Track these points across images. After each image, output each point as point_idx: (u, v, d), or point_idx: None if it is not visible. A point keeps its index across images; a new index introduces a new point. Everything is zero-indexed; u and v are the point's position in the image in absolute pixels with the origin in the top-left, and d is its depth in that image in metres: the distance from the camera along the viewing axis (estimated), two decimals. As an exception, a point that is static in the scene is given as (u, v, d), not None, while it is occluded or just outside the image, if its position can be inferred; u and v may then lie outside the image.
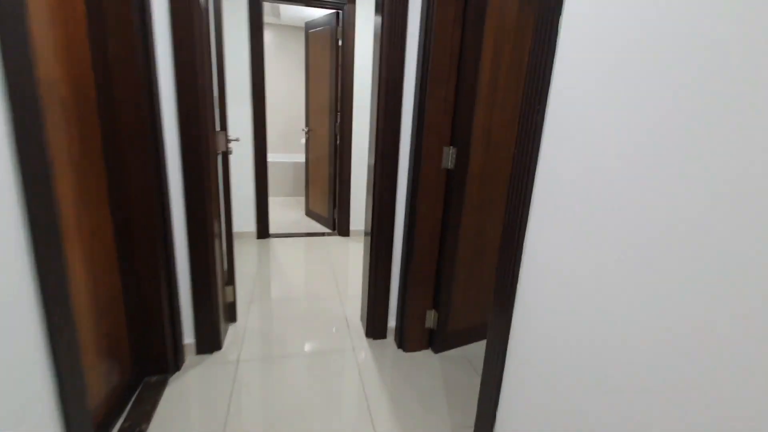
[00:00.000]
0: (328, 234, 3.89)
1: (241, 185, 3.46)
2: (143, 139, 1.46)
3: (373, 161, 1.89)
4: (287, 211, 4.65)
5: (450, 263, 1.91)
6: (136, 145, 1.46)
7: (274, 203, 4.93)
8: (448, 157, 1.78)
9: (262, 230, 3.64)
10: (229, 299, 2.15)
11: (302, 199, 5.22)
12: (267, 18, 5.23)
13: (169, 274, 1.69)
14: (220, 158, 1.94)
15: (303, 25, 5.38)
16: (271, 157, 5.50)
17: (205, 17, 1.67)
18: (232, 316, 2.21)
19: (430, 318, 2.01)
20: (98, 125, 1.33)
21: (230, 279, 2.14)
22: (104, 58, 1.35)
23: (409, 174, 1.87)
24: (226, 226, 2.06)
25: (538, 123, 0.90)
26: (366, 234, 2.08)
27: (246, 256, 3.21)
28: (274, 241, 3.60)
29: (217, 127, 1.90)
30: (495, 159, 1.86)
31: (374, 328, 2.11)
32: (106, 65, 1.36)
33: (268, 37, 5.49)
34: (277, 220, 4.21)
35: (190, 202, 1.69)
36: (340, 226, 3.85)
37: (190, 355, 1.89)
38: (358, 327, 2.24)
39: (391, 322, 2.12)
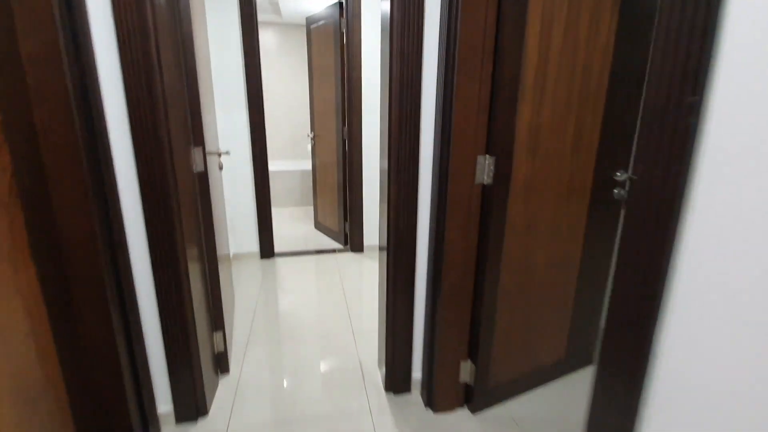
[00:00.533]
0: (340, 250, 3.51)
1: (240, 201, 3.11)
2: (78, 166, 1.09)
3: (386, 165, 1.49)
4: (295, 224, 4.29)
5: (489, 302, 1.50)
6: (69, 176, 1.09)
7: (281, 215, 4.58)
8: (484, 169, 1.37)
9: (266, 249, 3.28)
10: (219, 348, 1.78)
11: (312, 209, 4.86)
12: (267, 16, 4.88)
13: (129, 334, 1.32)
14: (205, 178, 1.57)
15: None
16: (277, 165, 5.16)
17: (168, 4, 1.30)
18: (223, 367, 1.84)
19: (466, 370, 1.60)
20: (7, 152, 0.97)
21: (218, 323, 1.78)
22: (13, 58, 0.99)
23: (432, 193, 1.46)
24: (210, 261, 1.70)
25: (691, 126, 0.49)
26: (381, 249, 1.68)
27: (246, 282, 2.85)
28: (279, 262, 3.23)
29: (192, 143, 1.53)
30: (545, 169, 1.44)
31: (395, 379, 1.71)
32: (17, 68, 0.99)
33: (270, 37, 5.15)
34: (283, 236, 3.86)
35: (155, 240, 1.33)
36: (352, 241, 3.47)
37: (167, 427, 1.52)
38: (375, 376, 1.84)
39: (416, 373, 1.72)
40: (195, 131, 1.54)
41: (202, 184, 1.60)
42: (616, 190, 1.72)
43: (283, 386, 1.77)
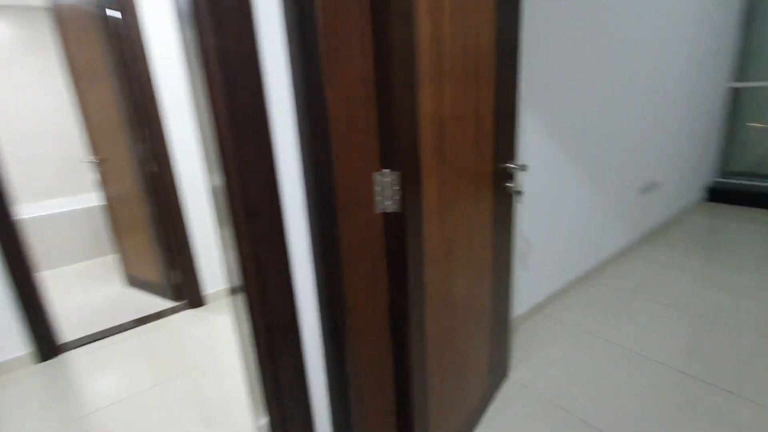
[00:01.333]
0: (171, 310, 2.58)
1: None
2: None
3: (220, 181, 0.87)
4: (92, 286, 3.06)
5: (418, 369, 1.06)
6: None
7: (66, 278, 3.24)
8: (385, 191, 0.91)
9: (45, 345, 2.13)
10: None
11: (117, 258, 3.61)
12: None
13: None
14: None
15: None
16: (45, 207, 3.66)
17: None
18: None
19: (401, 467, 1.15)
20: None
21: None
22: None
23: (313, 238, 0.92)
24: None
25: None
26: (233, 292, 1.06)
27: (11, 419, 1.75)
28: (72, 360, 2.14)
29: None
30: (453, 173, 1.07)
31: None
32: None
33: (5, 27, 3.54)
34: (74, 310, 2.66)
35: None
36: (187, 292, 2.59)
37: None
38: None
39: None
40: None
41: None
42: (509, 183, 1.51)
43: None
